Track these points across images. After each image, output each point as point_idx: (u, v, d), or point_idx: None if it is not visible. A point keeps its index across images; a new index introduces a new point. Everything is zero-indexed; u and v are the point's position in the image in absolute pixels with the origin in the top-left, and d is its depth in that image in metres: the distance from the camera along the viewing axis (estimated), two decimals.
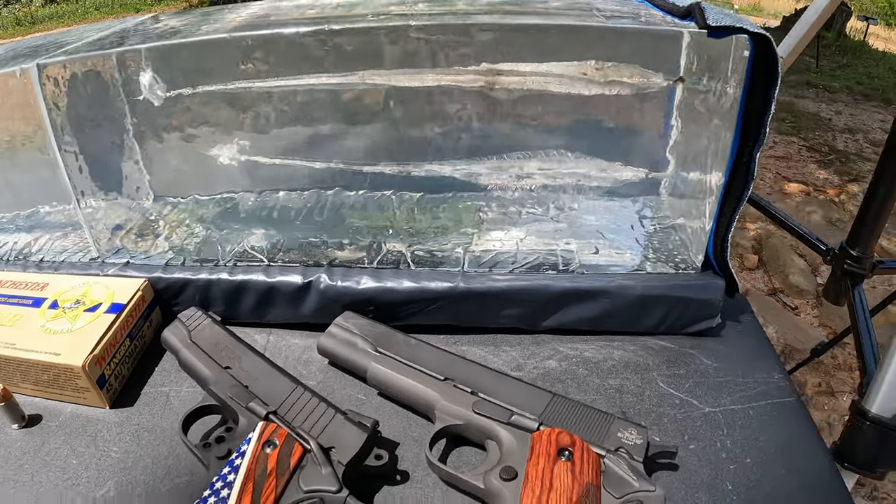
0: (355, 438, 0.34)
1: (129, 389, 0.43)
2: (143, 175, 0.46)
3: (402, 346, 0.40)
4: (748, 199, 0.69)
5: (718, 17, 0.34)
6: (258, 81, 0.41)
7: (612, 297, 0.42)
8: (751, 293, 1.61)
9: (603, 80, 0.41)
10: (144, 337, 0.46)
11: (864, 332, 0.51)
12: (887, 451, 0.40)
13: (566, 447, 0.32)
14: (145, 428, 0.40)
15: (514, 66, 0.40)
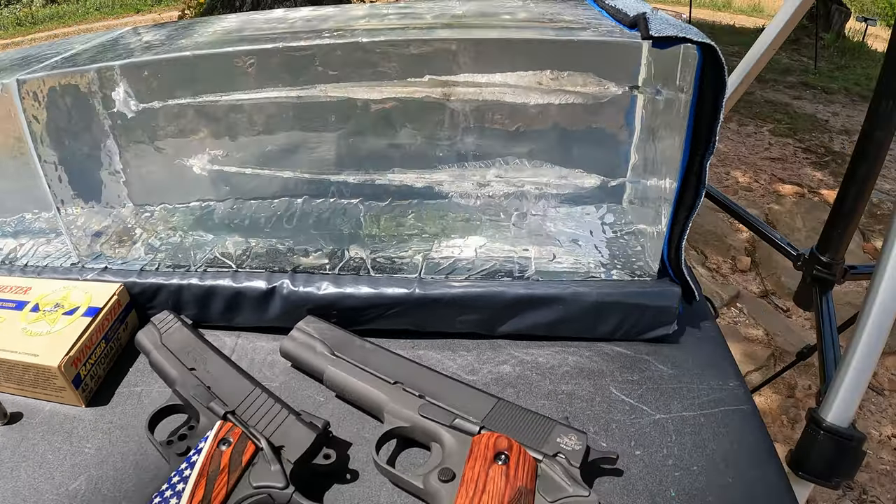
0: (304, 438, 0.35)
1: (104, 389, 0.44)
2: (121, 184, 0.48)
3: (357, 351, 0.40)
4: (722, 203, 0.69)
5: (662, 28, 0.34)
6: (224, 95, 0.42)
7: (566, 304, 0.42)
8: (743, 295, 1.58)
9: (558, 89, 0.41)
10: (120, 339, 0.47)
11: (827, 342, 0.50)
12: (842, 461, 0.39)
13: (503, 451, 0.32)
14: (117, 426, 0.41)
15: (470, 77, 0.40)
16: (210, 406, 0.38)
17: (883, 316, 0.42)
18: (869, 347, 0.42)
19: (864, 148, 0.56)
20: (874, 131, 0.55)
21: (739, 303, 1.58)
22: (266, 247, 0.46)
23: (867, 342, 0.42)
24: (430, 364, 0.42)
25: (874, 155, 0.55)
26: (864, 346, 0.42)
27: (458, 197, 0.45)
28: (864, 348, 0.42)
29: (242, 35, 0.45)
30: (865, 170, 0.56)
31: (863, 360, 0.42)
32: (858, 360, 0.42)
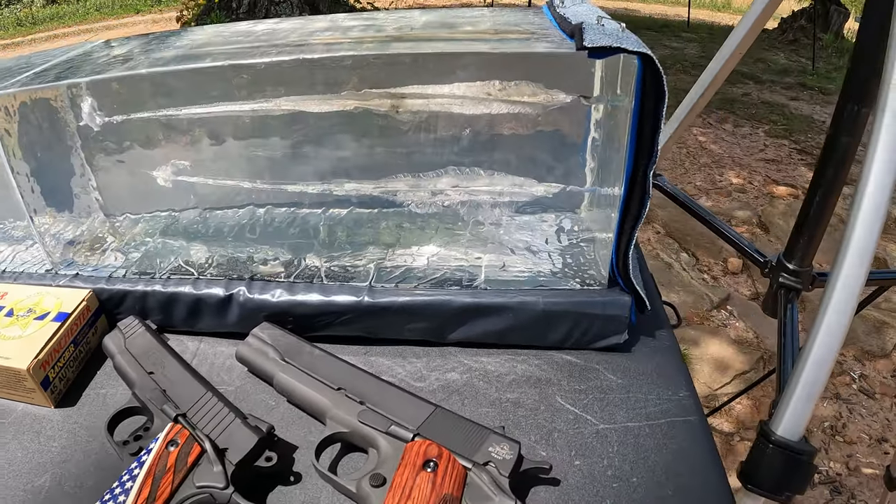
0: (247, 441, 0.35)
1: (73, 390, 0.45)
2: (92, 194, 0.48)
3: (306, 357, 0.40)
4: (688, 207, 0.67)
5: (596, 38, 0.33)
6: (183, 109, 0.42)
7: (514, 313, 0.41)
8: (733, 298, 1.55)
9: (506, 99, 0.41)
10: (89, 343, 0.47)
11: (787, 352, 0.48)
12: (792, 475, 0.38)
13: (432, 458, 0.32)
14: (83, 426, 0.42)
15: (418, 89, 0.40)
16: (163, 408, 0.38)
17: (836, 326, 0.41)
18: (821, 358, 0.40)
19: (830, 153, 0.54)
20: (840, 136, 0.53)
21: (730, 305, 1.55)
22: (227, 255, 0.46)
23: (819, 353, 0.40)
24: (379, 370, 0.42)
25: (840, 160, 0.53)
26: (816, 357, 0.40)
27: (413, 206, 0.45)
28: (816, 359, 0.40)
29: (206, 50, 0.45)
30: (832, 175, 0.54)
31: (815, 372, 0.40)
32: (810, 371, 0.40)
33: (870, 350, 1.45)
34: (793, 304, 0.54)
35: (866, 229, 0.40)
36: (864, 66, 0.50)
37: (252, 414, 0.39)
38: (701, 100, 0.63)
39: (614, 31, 0.34)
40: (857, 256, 0.40)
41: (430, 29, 0.44)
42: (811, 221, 0.55)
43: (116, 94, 0.43)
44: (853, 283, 0.40)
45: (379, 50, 0.38)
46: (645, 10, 5.54)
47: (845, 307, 0.40)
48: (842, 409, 1.32)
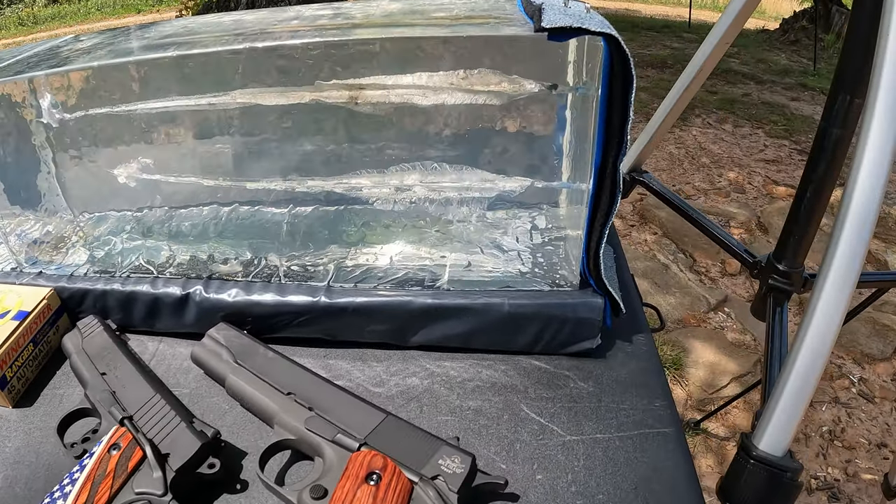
0: (189, 446, 0.33)
1: (32, 390, 0.43)
2: (57, 191, 0.46)
3: (259, 359, 0.37)
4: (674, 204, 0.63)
5: (555, 18, 0.29)
6: (139, 104, 0.40)
7: (478, 315, 0.38)
8: (731, 299, 1.49)
9: (470, 89, 0.37)
10: (50, 342, 0.45)
11: (774, 361, 0.44)
12: (774, 493, 0.34)
13: (376, 471, 0.29)
14: (37, 427, 0.40)
15: (378, 79, 0.37)
16: (110, 411, 0.36)
17: (824, 332, 0.37)
18: (807, 367, 0.37)
19: (821, 147, 0.49)
20: (831, 128, 0.48)
21: (727, 307, 1.50)
22: (189, 254, 0.44)
23: (805, 361, 0.37)
24: (338, 374, 0.39)
25: (832, 154, 0.49)
26: (802, 365, 0.37)
27: (378, 202, 0.42)
28: (802, 368, 0.37)
29: (167, 41, 0.42)
30: (823, 170, 0.50)
31: (800, 382, 0.36)
32: (795, 381, 0.36)
33: (870, 353, 1.38)
34: (782, 307, 0.50)
35: (857, 225, 0.36)
36: (856, 54, 0.46)
37: (203, 418, 0.37)
38: (685, 94, 0.59)
39: (578, 12, 0.31)
40: (847, 255, 0.36)
41: (395, 16, 0.41)
42: (802, 219, 0.51)
43: (72, 89, 0.41)
44: (843, 284, 0.36)
45: (332, 37, 0.35)
46: (646, 10, 5.45)
47: (834, 311, 0.37)
48: (840, 413, 1.26)
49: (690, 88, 0.59)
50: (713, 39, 0.57)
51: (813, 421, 1.22)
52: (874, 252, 1.64)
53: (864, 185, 0.36)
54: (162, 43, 0.41)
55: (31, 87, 0.42)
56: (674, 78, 0.59)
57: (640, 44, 3.84)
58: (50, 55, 0.45)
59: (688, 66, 0.59)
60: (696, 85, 0.59)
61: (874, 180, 0.36)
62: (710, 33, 0.57)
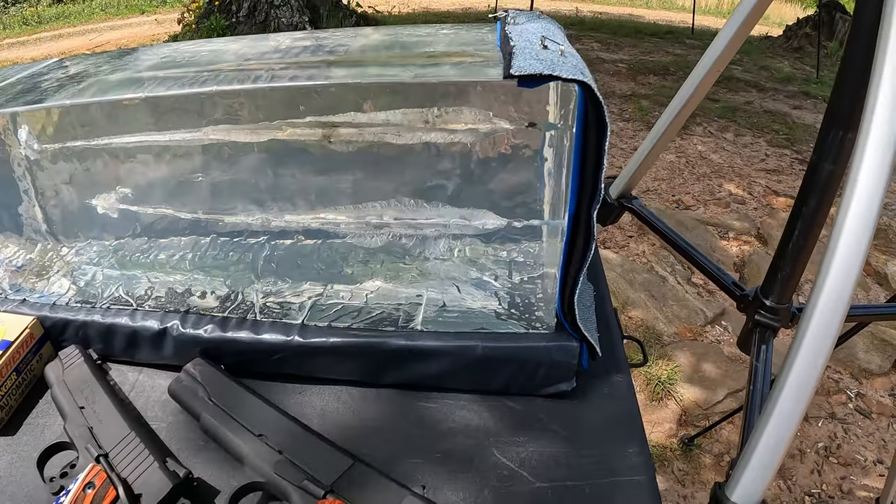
0: (162, 487, 0.33)
1: (15, 419, 0.43)
2: (39, 220, 0.46)
3: (232, 398, 0.37)
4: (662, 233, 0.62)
5: (525, 64, 0.29)
6: (115, 138, 0.39)
7: (451, 357, 0.37)
8: (728, 312, 1.48)
9: (444, 128, 0.37)
10: (33, 370, 0.45)
11: (755, 402, 0.43)
12: None
13: None
14: (21, 457, 0.40)
15: (351, 117, 0.36)
16: (87, 447, 0.36)
17: (807, 373, 0.36)
18: (787, 413, 0.36)
19: (812, 181, 0.48)
20: (823, 163, 0.47)
21: (724, 320, 1.48)
22: (167, 286, 0.44)
23: (785, 407, 0.36)
24: (311, 412, 0.39)
25: (823, 189, 0.48)
26: (782, 411, 0.36)
27: (356, 238, 0.42)
28: (782, 414, 0.36)
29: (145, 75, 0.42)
30: (814, 206, 0.49)
31: (778, 429, 0.35)
32: (773, 428, 0.35)
33: (867, 368, 1.36)
34: (768, 344, 0.49)
35: (846, 263, 0.35)
36: (849, 88, 0.45)
37: (178, 454, 0.37)
38: (680, 114, 0.58)
39: (552, 55, 0.30)
40: (834, 293, 0.35)
41: (373, 51, 0.40)
42: (790, 255, 0.50)
43: (50, 123, 0.41)
44: (828, 326, 0.35)
45: (304, 80, 0.34)
46: (649, 16, 5.40)
47: (817, 355, 0.36)
48: (837, 429, 1.25)
49: (682, 112, 0.58)
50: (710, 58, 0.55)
51: (808, 437, 1.21)
52: (874, 265, 1.61)
53: (854, 224, 0.35)
54: (140, 77, 0.41)
55: (11, 121, 0.42)
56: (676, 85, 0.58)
57: (643, 50, 3.80)
58: (31, 84, 0.45)
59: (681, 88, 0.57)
60: (689, 108, 0.58)
61: (864, 219, 0.35)
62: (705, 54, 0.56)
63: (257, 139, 0.37)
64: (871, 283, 1.59)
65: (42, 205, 0.45)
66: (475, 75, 0.34)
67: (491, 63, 0.34)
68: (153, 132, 0.38)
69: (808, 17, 3.85)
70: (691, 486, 1.11)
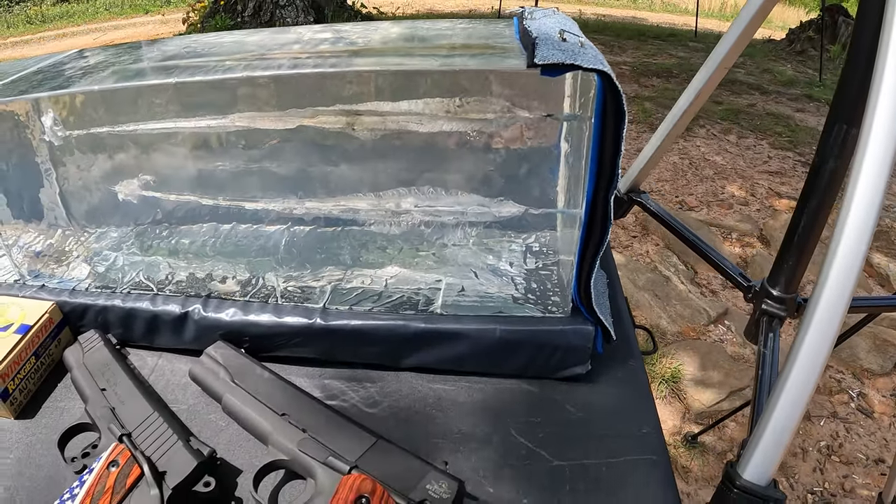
0: (186, 465, 0.34)
1: (34, 402, 0.44)
2: (60, 206, 0.47)
3: (255, 379, 0.38)
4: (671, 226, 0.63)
5: (549, 54, 0.30)
6: (140, 124, 0.41)
7: (470, 340, 0.38)
8: (731, 312, 1.49)
9: (465, 117, 0.38)
10: (52, 355, 0.46)
11: (764, 388, 0.44)
12: None
13: (365, 494, 0.29)
14: (39, 439, 0.41)
15: (374, 106, 0.38)
16: (110, 427, 0.37)
17: (813, 360, 0.37)
18: (795, 396, 0.37)
19: (815, 177, 0.50)
20: (827, 159, 0.49)
21: (727, 320, 1.50)
22: (188, 272, 0.45)
23: (793, 390, 0.37)
24: (332, 394, 0.40)
25: (827, 185, 0.50)
26: (790, 394, 0.37)
27: (375, 225, 0.43)
28: (790, 397, 0.37)
29: (169, 63, 0.43)
30: (818, 201, 0.50)
31: (787, 411, 0.37)
32: (782, 410, 0.37)
33: (869, 368, 1.38)
34: (775, 332, 0.51)
35: (850, 252, 0.36)
36: (854, 83, 0.46)
37: (199, 435, 0.38)
38: (686, 113, 0.60)
39: (572, 46, 0.32)
40: (839, 282, 0.37)
41: (394, 43, 0.42)
42: (796, 246, 0.52)
43: (75, 109, 0.42)
44: (834, 311, 0.37)
45: (330, 67, 0.36)
46: (652, 18, 5.44)
47: (823, 339, 0.37)
48: (839, 428, 1.26)
49: (689, 111, 0.60)
50: (714, 61, 0.57)
51: (811, 435, 1.22)
52: (876, 266, 1.63)
53: (858, 211, 0.36)
54: (164, 66, 0.42)
55: (35, 107, 0.43)
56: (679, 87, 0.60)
57: (646, 52, 3.84)
58: (54, 73, 0.47)
59: (689, 86, 0.59)
60: (695, 107, 0.60)
61: (867, 211, 0.36)
62: (710, 57, 0.58)
63: (283, 126, 0.38)
64: (874, 285, 1.61)
65: (64, 191, 0.46)
66: (499, 65, 0.35)
67: (512, 54, 0.35)
68: (179, 119, 0.40)
69: (811, 20, 3.89)
70: (695, 484, 1.13)
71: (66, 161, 0.45)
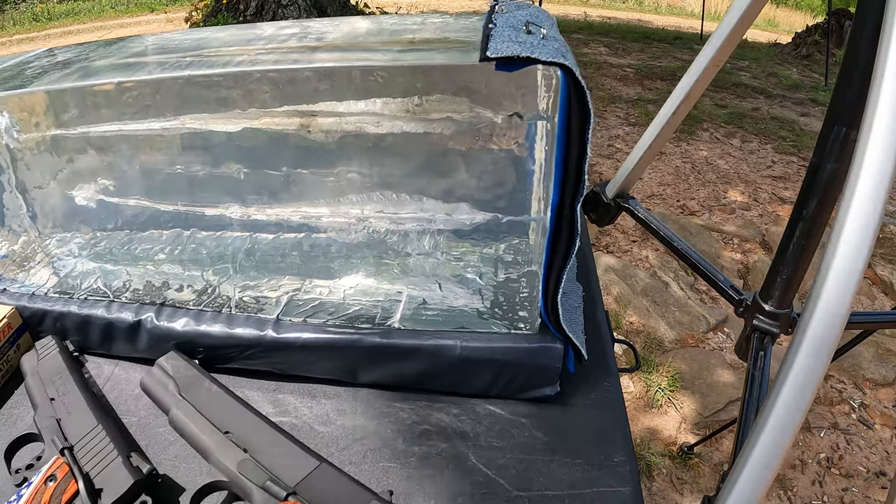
0: (122, 483, 0.32)
1: None
2: (21, 211, 0.45)
3: (202, 393, 0.35)
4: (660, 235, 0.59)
5: (503, 46, 0.27)
6: (93, 127, 0.38)
7: (429, 357, 0.35)
8: (731, 320, 1.44)
9: (425, 117, 0.35)
10: (10, 361, 0.44)
11: (750, 410, 0.40)
12: None
13: None
14: None
15: (330, 106, 0.35)
16: (53, 439, 0.35)
17: (804, 382, 0.33)
18: (782, 423, 0.33)
19: (813, 181, 0.45)
20: (825, 162, 0.45)
21: (727, 327, 1.44)
22: (144, 279, 0.42)
23: (780, 417, 0.33)
24: (285, 410, 0.37)
25: (825, 190, 0.45)
26: (776, 420, 0.33)
27: (337, 233, 0.40)
28: (777, 423, 0.33)
29: (128, 61, 0.41)
30: (815, 207, 0.46)
31: (773, 440, 0.33)
32: (768, 439, 0.33)
33: (872, 378, 1.32)
34: (766, 350, 0.46)
35: (847, 263, 0.32)
36: (854, 83, 0.42)
37: (147, 450, 0.35)
38: (675, 116, 0.56)
39: (533, 39, 0.28)
40: (834, 295, 0.32)
41: (358, 37, 0.39)
42: (790, 259, 0.47)
43: (30, 110, 0.39)
44: (828, 329, 0.33)
45: (276, 65, 0.33)
46: (658, 21, 5.34)
47: (816, 360, 0.33)
48: (839, 439, 1.20)
49: (677, 114, 0.56)
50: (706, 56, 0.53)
51: (811, 447, 1.17)
52: (879, 275, 1.56)
53: (856, 223, 0.32)
54: (121, 63, 0.40)
55: None
56: None
57: (651, 55, 3.76)
58: (16, 72, 0.44)
59: (677, 86, 0.55)
60: (683, 110, 0.56)
61: (867, 217, 0.32)
62: (702, 52, 0.53)
63: (234, 128, 0.36)
64: (877, 293, 1.54)
65: (25, 196, 0.44)
66: (452, 59, 0.32)
67: (472, 48, 0.32)
68: (129, 121, 0.37)
69: (817, 24, 3.79)
70: (689, 496, 1.08)
71: (24, 165, 0.43)
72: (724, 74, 3.09)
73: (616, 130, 2.53)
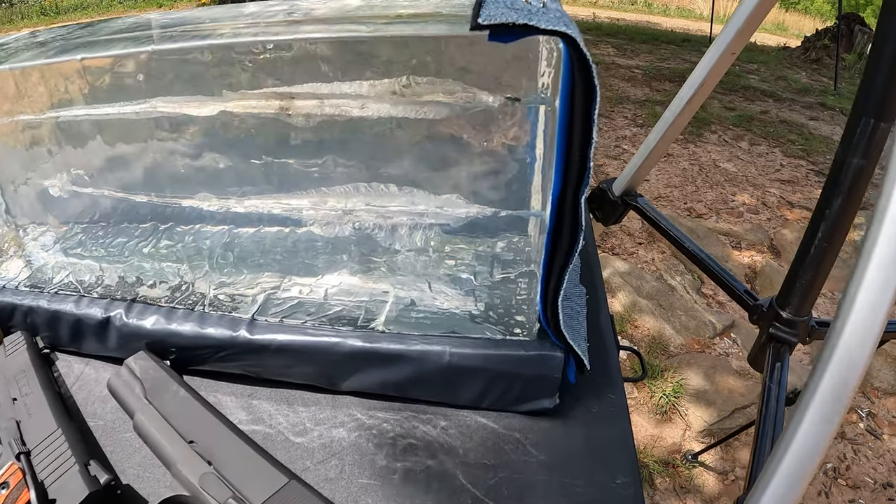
0: (77, 494, 0.29)
1: None
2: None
3: (169, 398, 0.32)
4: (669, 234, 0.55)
5: (496, 13, 0.23)
6: (62, 111, 0.35)
7: (414, 364, 0.32)
8: (738, 325, 1.38)
9: (415, 100, 0.31)
10: None
11: (769, 417, 0.36)
12: None
13: None
14: None
15: (311, 87, 0.31)
16: (10, 442, 0.32)
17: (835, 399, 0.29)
18: (809, 446, 0.29)
19: (837, 178, 0.41)
20: (851, 157, 0.40)
21: (733, 333, 1.39)
22: (117, 274, 0.39)
23: (807, 438, 0.29)
24: (259, 417, 0.34)
25: (851, 187, 0.41)
26: (803, 443, 0.29)
27: (321, 227, 0.36)
28: (803, 446, 0.29)
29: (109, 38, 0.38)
30: (840, 206, 0.42)
31: (797, 465, 0.29)
32: (799, 447, 0.29)
33: (880, 386, 1.26)
34: (784, 361, 0.42)
35: (885, 266, 0.28)
36: (883, 72, 0.38)
37: (111, 456, 0.32)
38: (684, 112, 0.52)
39: (531, 6, 0.24)
40: (870, 303, 0.28)
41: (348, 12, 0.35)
42: (812, 261, 0.43)
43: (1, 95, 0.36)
44: (863, 340, 0.29)
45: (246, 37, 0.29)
46: (667, 23, 5.26)
47: (849, 373, 0.29)
48: (846, 449, 1.15)
49: (689, 107, 0.52)
50: (715, 53, 0.49)
51: None
52: None
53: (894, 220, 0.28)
54: (93, 41, 0.37)
55: None
56: None
57: (659, 57, 3.69)
58: None
59: (685, 84, 0.51)
60: (695, 103, 0.52)
61: None
62: (710, 49, 0.49)
63: (209, 112, 0.32)
64: None
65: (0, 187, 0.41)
66: (440, 31, 0.28)
67: (465, 21, 0.28)
68: (98, 104, 0.34)
69: (826, 28, 3.70)
70: None
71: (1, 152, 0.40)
72: (733, 77, 3.01)
73: (623, 131, 2.47)
